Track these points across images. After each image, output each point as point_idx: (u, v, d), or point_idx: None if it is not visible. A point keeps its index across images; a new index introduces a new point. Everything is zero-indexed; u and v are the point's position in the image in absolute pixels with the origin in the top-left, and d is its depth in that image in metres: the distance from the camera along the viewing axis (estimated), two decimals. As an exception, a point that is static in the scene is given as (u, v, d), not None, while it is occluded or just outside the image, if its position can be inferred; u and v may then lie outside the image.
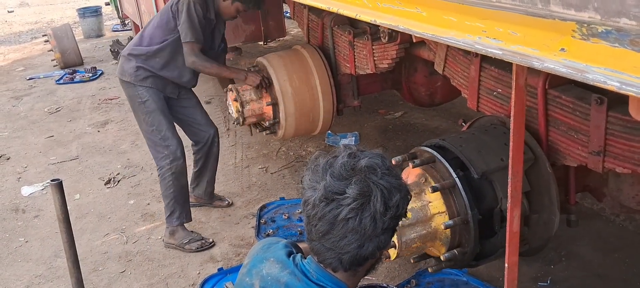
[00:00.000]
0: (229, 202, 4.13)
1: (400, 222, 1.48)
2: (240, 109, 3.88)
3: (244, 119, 3.94)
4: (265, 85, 3.80)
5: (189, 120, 3.83)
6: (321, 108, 3.96)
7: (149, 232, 3.93)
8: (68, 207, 4.22)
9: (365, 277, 1.66)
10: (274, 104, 3.87)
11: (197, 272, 3.44)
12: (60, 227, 2.87)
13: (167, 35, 3.52)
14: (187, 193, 3.73)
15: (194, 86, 3.80)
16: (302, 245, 1.66)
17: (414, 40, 2.96)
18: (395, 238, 2.29)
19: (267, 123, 3.97)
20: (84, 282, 2.92)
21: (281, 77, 3.86)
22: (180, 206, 3.64)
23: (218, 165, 4.06)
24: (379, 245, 1.40)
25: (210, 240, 3.68)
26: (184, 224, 3.70)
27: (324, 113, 3.98)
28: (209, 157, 3.95)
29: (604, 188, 2.60)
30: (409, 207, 1.53)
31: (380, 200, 1.35)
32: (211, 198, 4.12)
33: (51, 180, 2.86)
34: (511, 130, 1.69)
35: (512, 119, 1.68)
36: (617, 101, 2.01)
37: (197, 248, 3.62)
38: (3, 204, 4.50)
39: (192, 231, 3.73)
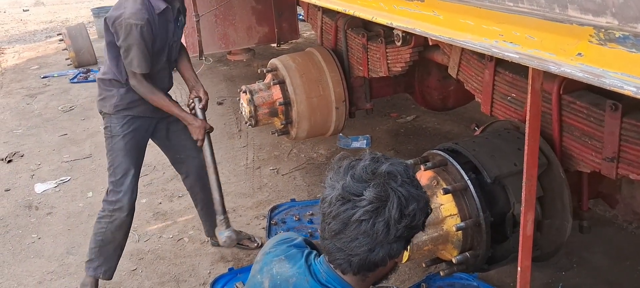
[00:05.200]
0: (258, 244, 3.64)
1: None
2: (252, 111, 3.90)
3: (257, 121, 3.96)
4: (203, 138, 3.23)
5: (176, 146, 3.38)
6: (333, 110, 3.97)
7: (160, 230, 3.95)
8: (81, 205, 4.29)
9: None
10: (287, 104, 3.88)
11: (208, 272, 3.46)
12: (207, 152, 3.25)
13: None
14: (116, 251, 3.23)
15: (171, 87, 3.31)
16: (317, 242, 1.66)
17: (430, 43, 2.97)
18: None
19: (279, 124, 3.99)
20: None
21: (294, 79, 3.88)
22: (101, 258, 3.20)
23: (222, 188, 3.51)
24: (390, 252, 1.39)
25: None
26: (99, 280, 3.25)
27: (336, 115, 3.99)
28: (205, 188, 3.44)
29: (617, 195, 2.59)
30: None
31: (396, 207, 1.35)
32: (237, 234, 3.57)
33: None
34: (526, 134, 1.69)
35: (527, 122, 1.68)
36: (631, 107, 2.00)
37: None
38: (16, 201, 4.55)
39: None
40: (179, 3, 3.10)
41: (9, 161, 5.33)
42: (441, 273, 2.48)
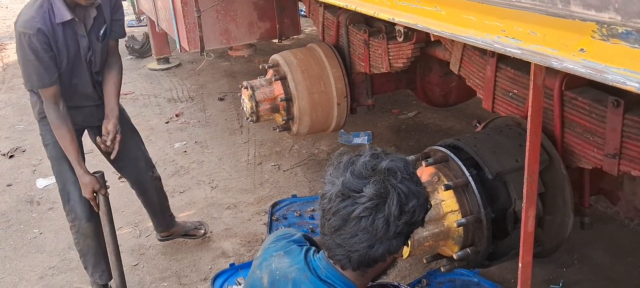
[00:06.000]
0: (204, 231, 3.66)
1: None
2: (254, 106, 3.90)
3: (258, 117, 3.96)
4: (97, 202, 2.91)
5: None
6: (335, 106, 3.97)
7: (162, 226, 3.95)
8: (83, 200, 4.23)
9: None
10: (289, 100, 3.88)
11: (209, 267, 3.47)
12: (102, 218, 2.91)
13: None
14: (100, 252, 3.09)
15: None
16: (317, 239, 1.67)
17: (432, 39, 2.96)
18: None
19: (281, 120, 3.99)
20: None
21: (296, 75, 3.88)
22: (90, 266, 3.15)
23: (165, 195, 3.55)
24: (389, 248, 1.40)
25: None
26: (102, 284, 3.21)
27: (337, 111, 3.99)
28: (145, 193, 3.40)
29: (618, 192, 2.59)
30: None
31: (396, 204, 1.35)
32: (180, 227, 3.65)
33: (94, 173, 2.85)
34: (528, 130, 1.69)
35: (529, 119, 1.68)
36: (634, 104, 2.00)
37: None
38: (18, 196, 4.55)
39: None
40: (96, 12, 2.81)
41: (11, 156, 5.34)
42: (442, 269, 2.48)
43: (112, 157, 3.03)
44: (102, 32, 2.90)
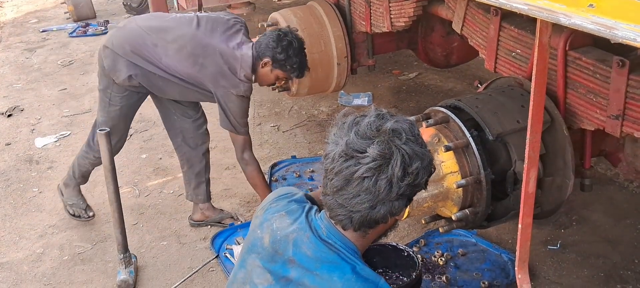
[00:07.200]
0: (242, 222, 3.47)
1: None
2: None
3: (257, 76, 3.91)
4: None
5: (168, 106, 3.35)
6: (335, 66, 3.92)
7: (161, 186, 3.96)
8: (81, 159, 4.21)
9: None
10: (288, 60, 3.83)
11: (209, 227, 3.47)
12: (105, 176, 2.92)
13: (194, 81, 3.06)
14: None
15: None
16: (316, 193, 1.65)
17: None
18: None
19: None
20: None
21: (295, 34, 3.81)
22: (74, 180, 3.50)
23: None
24: (391, 210, 1.39)
25: (91, 214, 3.54)
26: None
27: (337, 71, 3.95)
28: (192, 152, 3.44)
29: (619, 154, 2.58)
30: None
31: (400, 165, 1.34)
32: (215, 211, 3.51)
33: (100, 130, 2.87)
34: (532, 90, 1.67)
35: (533, 78, 1.65)
36: (639, 64, 1.97)
37: (72, 213, 3.53)
38: (17, 155, 4.54)
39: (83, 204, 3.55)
40: None
41: (9, 115, 5.31)
42: (440, 230, 2.49)
43: None
44: None
